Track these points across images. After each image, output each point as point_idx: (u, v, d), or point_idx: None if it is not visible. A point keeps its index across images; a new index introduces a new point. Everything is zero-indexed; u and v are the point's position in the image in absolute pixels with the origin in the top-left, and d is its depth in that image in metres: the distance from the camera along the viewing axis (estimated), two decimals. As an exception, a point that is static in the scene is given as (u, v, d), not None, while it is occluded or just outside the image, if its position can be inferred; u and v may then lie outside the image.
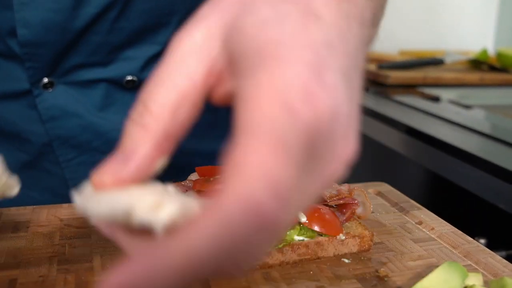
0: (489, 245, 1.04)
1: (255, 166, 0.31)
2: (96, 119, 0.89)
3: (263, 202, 0.30)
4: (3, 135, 0.90)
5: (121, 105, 0.91)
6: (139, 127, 0.37)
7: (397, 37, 2.43)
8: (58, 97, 0.87)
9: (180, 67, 0.37)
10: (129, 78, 0.89)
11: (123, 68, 0.89)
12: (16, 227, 0.69)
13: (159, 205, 0.35)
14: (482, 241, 1.05)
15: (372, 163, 1.56)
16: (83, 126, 0.89)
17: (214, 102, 0.39)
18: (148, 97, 0.38)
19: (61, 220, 0.71)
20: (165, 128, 0.37)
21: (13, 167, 0.86)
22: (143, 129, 0.37)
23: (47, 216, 0.72)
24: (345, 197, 0.68)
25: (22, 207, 0.74)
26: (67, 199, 0.88)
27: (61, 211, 0.74)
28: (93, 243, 0.65)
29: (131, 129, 0.38)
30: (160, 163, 0.38)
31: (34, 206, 0.75)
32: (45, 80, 0.85)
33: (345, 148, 0.36)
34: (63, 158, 0.90)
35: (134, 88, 0.90)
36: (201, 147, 0.96)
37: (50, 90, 0.86)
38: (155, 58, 0.91)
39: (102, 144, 0.90)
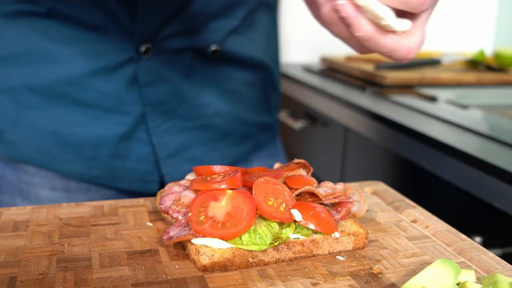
0: (485, 243, 1.05)
1: None
2: (182, 86, 0.99)
3: None
4: (102, 110, 0.96)
5: (201, 75, 1.02)
6: None
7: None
8: (154, 63, 0.96)
9: None
10: (213, 48, 1.00)
11: (209, 38, 1.00)
12: (16, 226, 0.70)
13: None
14: (478, 239, 1.06)
15: (369, 162, 1.57)
16: (172, 92, 0.99)
17: None
18: None
19: (60, 219, 0.72)
20: None
21: (110, 141, 0.97)
22: None
23: (47, 215, 0.73)
24: (340, 195, 0.69)
25: (21, 207, 0.75)
26: (157, 166, 1.00)
27: (60, 211, 0.75)
28: (92, 242, 0.66)
29: None
30: None
31: (33, 206, 0.76)
32: (143, 48, 0.94)
33: None
34: (152, 124, 0.98)
35: (213, 59, 1.01)
36: (256, 118, 1.12)
37: (147, 57, 0.95)
38: (233, 32, 1.03)
39: (186, 111, 1.01)
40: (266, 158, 1.19)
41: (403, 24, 0.67)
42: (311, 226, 0.64)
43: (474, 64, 2.06)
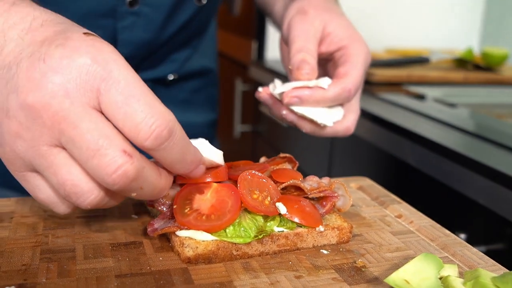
0: (469, 240, 1.06)
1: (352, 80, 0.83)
2: None
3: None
4: None
5: (161, 98, 1.03)
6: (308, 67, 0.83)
7: (383, 36, 2.45)
8: None
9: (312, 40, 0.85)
10: (171, 77, 1.08)
11: (167, 68, 1.07)
12: (1, 218, 0.69)
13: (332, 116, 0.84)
14: (463, 236, 1.07)
15: (356, 159, 1.57)
16: None
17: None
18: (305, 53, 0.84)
19: (45, 211, 0.72)
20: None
21: None
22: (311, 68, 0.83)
23: (31, 207, 0.73)
24: (325, 190, 0.69)
25: (6, 199, 0.75)
26: None
27: (45, 203, 0.74)
28: (76, 233, 0.66)
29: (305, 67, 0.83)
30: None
31: (18, 198, 0.75)
32: None
33: None
34: None
35: (172, 83, 1.09)
36: (204, 118, 1.21)
37: None
38: (188, 59, 1.11)
39: None
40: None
41: (336, 116, 0.84)
42: (296, 220, 0.64)
43: (462, 62, 2.07)
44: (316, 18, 0.88)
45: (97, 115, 0.52)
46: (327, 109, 0.84)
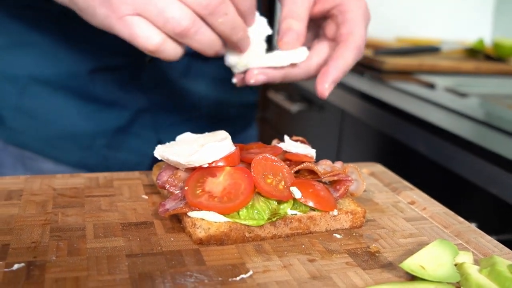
0: (480, 229, 1.05)
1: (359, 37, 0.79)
2: (181, 84, 1.05)
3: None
4: (103, 104, 0.99)
5: (196, 71, 1.06)
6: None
7: (395, 24, 2.43)
8: (157, 68, 1.00)
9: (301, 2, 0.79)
10: None
11: None
12: (10, 195, 0.69)
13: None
14: (473, 225, 1.06)
15: (365, 146, 1.56)
16: (173, 91, 1.05)
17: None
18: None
19: (55, 189, 0.71)
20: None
21: (107, 132, 1.00)
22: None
23: (41, 185, 0.72)
24: (339, 173, 0.68)
25: (15, 176, 0.74)
26: (151, 158, 1.04)
27: (54, 181, 0.74)
28: (86, 212, 0.65)
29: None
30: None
31: (28, 176, 0.75)
32: (149, 57, 0.98)
33: None
34: (159, 121, 1.05)
35: (210, 59, 1.03)
36: (243, 99, 1.18)
37: (150, 62, 0.99)
38: None
39: (185, 105, 1.07)
40: (244, 131, 1.23)
41: (302, 54, 0.80)
42: (311, 204, 0.63)
43: (473, 53, 2.05)
44: None
45: None
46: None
